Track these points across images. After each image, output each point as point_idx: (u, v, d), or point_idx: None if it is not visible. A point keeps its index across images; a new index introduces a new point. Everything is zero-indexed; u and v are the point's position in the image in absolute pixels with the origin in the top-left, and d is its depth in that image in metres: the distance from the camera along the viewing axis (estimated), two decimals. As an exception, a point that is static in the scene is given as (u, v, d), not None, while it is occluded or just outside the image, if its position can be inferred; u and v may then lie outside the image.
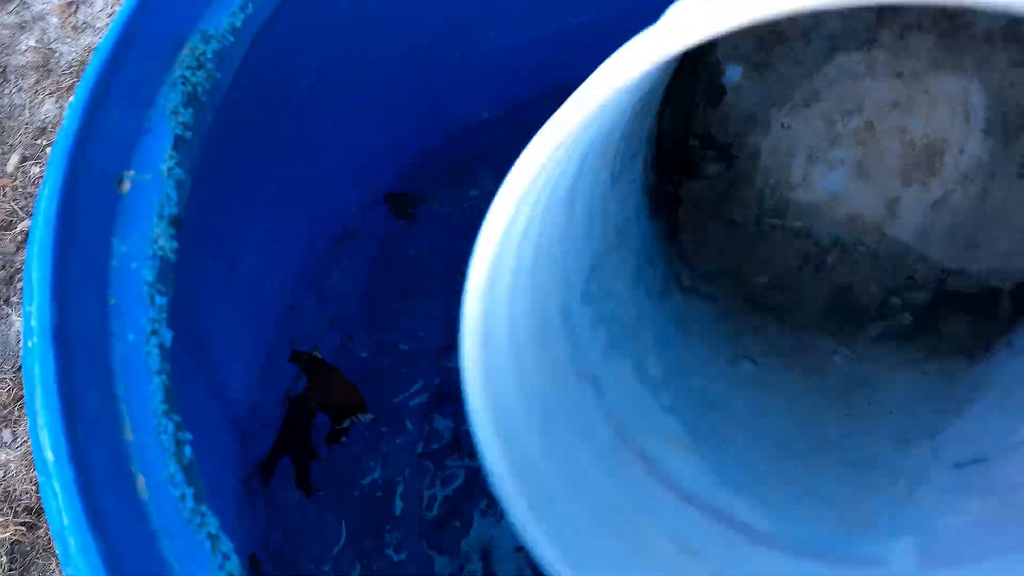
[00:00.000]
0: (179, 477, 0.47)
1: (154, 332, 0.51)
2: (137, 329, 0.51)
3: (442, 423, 0.86)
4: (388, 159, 0.92)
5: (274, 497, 0.75)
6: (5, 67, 2.22)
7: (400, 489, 0.83)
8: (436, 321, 0.88)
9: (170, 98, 0.59)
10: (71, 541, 0.44)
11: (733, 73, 0.90)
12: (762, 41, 0.89)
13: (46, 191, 0.53)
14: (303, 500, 0.78)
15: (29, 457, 1.73)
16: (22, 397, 1.81)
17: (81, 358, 0.49)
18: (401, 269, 0.90)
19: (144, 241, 0.54)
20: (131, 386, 0.49)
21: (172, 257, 0.54)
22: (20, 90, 2.18)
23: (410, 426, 0.85)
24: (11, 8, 2.29)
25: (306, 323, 0.83)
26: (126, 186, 0.56)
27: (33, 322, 0.49)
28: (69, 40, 2.21)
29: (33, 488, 1.69)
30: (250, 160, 0.70)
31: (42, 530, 1.65)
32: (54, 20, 2.24)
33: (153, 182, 0.56)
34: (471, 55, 0.84)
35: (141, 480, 0.47)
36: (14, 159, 2.09)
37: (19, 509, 1.67)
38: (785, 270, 0.91)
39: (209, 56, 0.61)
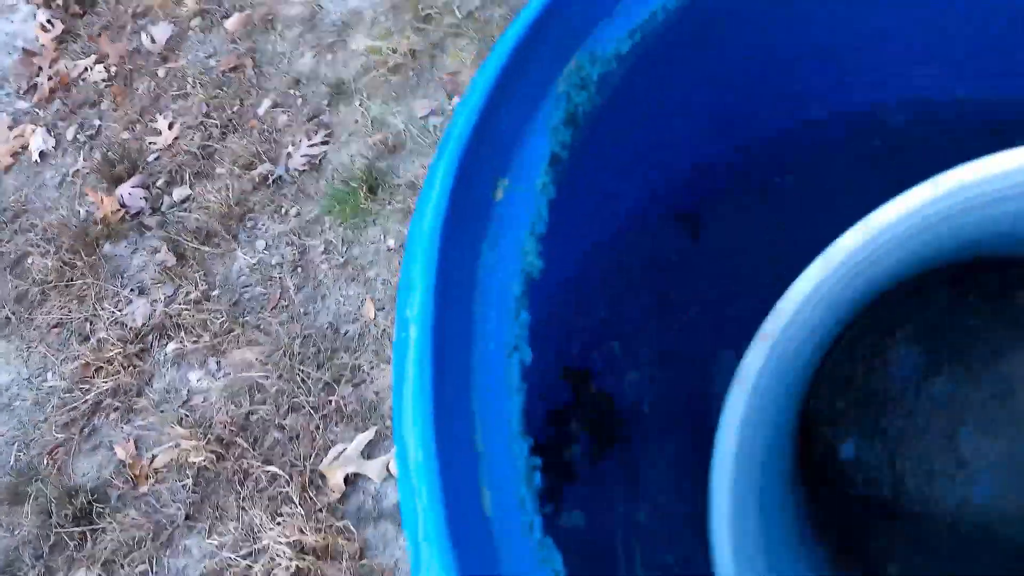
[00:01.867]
0: (530, 504, 0.46)
1: (516, 348, 0.51)
2: (499, 341, 0.51)
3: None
4: (687, 180, 0.90)
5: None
6: (274, 16, 2.32)
7: (648, 526, 0.82)
8: (715, 350, 0.87)
9: (553, 114, 0.59)
10: (424, 548, 0.44)
11: (847, 450, 0.92)
12: (855, 406, 0.91)
13: (437, 183, 0.54)
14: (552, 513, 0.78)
15: (231, 389, 1.80)
16: (233, 330, 1.89)
17: (448, 358, 0.49)
18: (683, 290, 0.89)
19: (513, 253, 0.54)
20: (487, 397, 0.50)
21: (538, 276, 0.54)
22: (284, 40, 2.28)
23: (667, 467, 0.84)
24: (290, -40, 2.40)
25: (577, 337, 0.83)
26: (499, 194, 0.57)
27: (410, 312, 0.50)
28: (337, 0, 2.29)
29: (228, 419, 1.77)
30: (583, 179, 0.70)
31: (229, 462, 1.72)
32: (327, -21, 2.33)
33: (526, 195, 0.57)
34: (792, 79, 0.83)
35: (487, 496, 0.47)
36: (266, 103, 2.18)
37: (212, 438, 1.75)
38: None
39: (594, 79, 0.61)
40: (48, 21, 2.54)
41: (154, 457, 1.78)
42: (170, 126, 2.23)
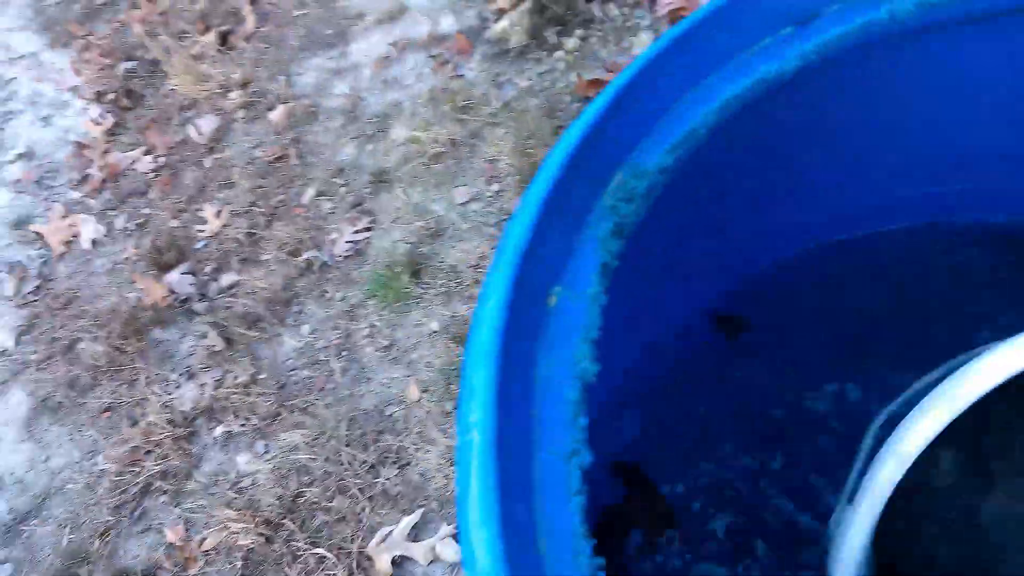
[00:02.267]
0: (593, 602, 0.49)
1: (575, 452, 0.54)
2: (559, 445, 0.55)
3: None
4: (726, 282, 0.94)
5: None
6: (317, 108, 2.41)
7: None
8: (750, 450, 0.90)
9: (601, 226, 0.64)
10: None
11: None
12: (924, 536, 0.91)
13: (493, 293, 0.58)
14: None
15: (279, 471, 1.84)
16: (280, 414, 1.93)
17: (510, 464, 0.53)
18: (721, 391, 0.92)
19: (567, 360, 0.58)
20: (549, 500, 0.53)
21: (593, 380, 0.58)
22: (327, 130, 2.36)
23: (716, 554, 0.86)
24: (332, 54, 2.49)
25: (627, 432, 0.86)
26: (553, 300, 0.61)
27: (473, 417, 0.54)
28: (377, 92, 2.37)
29: (277, 502, 1.80)
30: (633, 285, 0.74)
31: (277, 544, 1.75)
32: (367, 72, 2.42)
33: (578, 303, 0.61)
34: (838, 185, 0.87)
35: (553, 599, 0.50)
36: (310, 192, 2.26)
37: (260, 520, 1.78)
38: None
39: (640, 192, 0.65)
40: (99, 115, 2.65)
41: (203, 539, 1.82)
42: (217, 214, 2.31)
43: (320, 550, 1.72)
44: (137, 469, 1.96)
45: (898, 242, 0.98)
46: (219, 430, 1.96)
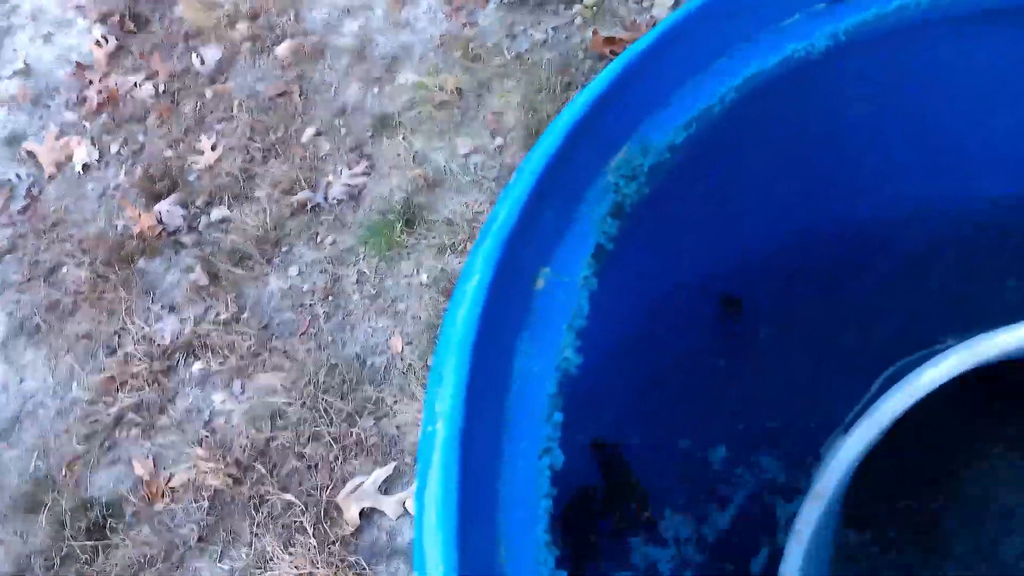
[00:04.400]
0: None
1: (547, 451, 0.50)
2: (530, 442, 0.50)
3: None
4: (730, 264, 0.89)
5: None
6: (325, 45, 2.34)
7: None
8: (742, 432, 0.86)
9: (600, 204, 0.59)
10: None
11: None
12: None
13: (478, 270, 0.53)
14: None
15: (253, 412, 1.80)
16: (259, 354, 1.89)
17: (475, 460, 0.48)
18: (715, 373, 0.88)
19: (550, 348, 0.54)
20: (514, 501, 0.49)
21: (575, 372, 0.53)
22: (332, 69, 2.29)
23: (696, 554, 0.83)
24: (345, -10, 2.41)
25: (604, 420, 0.82)
26: (540, 284, 0.56)
27: (440, 407, 0.49)
28: (388, 33, 2.30)
29: (248, 443, 1.76)
30: (625, 269, 0.69)
31: (245, 487, 1.71)
32: (379, 12, 2.35)
33: (567, 287, 0.56)
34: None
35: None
36: (310, 131, 2.19)
37: (230, 460, 1.74)
38: None
39: (645, 170, 0.60)
40: (103, 37, 2.58)
41: (171, 476, 1.78)
42: (213, 147, 2.25)
43: (289, 496, 1.68)
44: (111, 399, 1.92)
45: (914, 232, 0.93)
46: (196, 366, 1.92)
